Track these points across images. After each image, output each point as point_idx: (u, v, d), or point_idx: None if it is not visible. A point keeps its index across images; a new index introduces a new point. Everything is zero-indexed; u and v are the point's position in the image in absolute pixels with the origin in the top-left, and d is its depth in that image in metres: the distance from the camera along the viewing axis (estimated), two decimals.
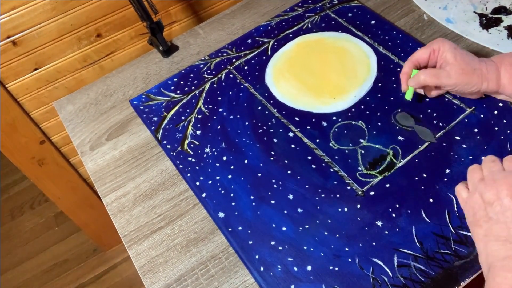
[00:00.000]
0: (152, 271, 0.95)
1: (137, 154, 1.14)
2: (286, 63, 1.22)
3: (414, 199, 0.93)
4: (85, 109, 1.27)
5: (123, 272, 2.23)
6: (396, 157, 1.00)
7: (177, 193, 1.05)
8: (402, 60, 1.16)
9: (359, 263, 0.87)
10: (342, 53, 1.21)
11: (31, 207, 2.54)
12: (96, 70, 1.57)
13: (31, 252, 2.37)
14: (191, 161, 1.07)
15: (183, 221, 1.01)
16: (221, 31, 1.38)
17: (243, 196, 1.00)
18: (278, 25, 1.32)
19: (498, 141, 0.99)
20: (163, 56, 1.35)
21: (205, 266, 0.94)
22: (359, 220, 0.92)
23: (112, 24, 1.48)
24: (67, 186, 1.80)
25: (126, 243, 1.00)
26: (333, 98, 1.12)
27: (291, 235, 0.92)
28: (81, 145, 1.19)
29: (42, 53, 1.43)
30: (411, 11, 1.30)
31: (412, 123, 1.04)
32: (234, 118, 1.14)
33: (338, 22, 1.29)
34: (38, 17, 1.34)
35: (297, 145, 1.06)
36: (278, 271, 0.88)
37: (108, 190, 1.09)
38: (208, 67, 1.26)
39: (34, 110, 1.54)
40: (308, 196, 0.97)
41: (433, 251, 0.86)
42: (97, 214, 1.97)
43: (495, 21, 1.21)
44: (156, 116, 1.18)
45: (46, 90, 1.52)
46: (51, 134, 1.64)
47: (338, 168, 1.00)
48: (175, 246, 0.97)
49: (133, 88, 1.29)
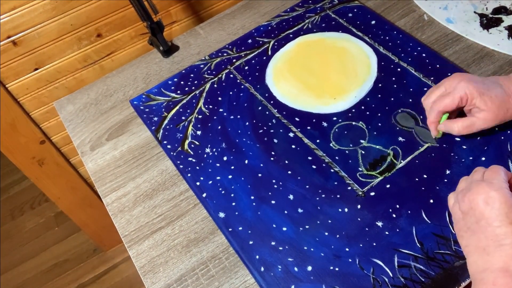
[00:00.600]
0: (153, 271, 0.95)
1: (137, 154, 1.14)
2: (286, 63, 1.23)
3: (414, 200, 0.94)
4: (85, 109, 1.27)
5: (123, 272, 2.23)
6: (397, 157, 1.00)
7: (177, 193, 1.06)
8: (402, 60, 1.16)
9: (360, 264, 0.87)
10: (342, 53, 1.22)
11: (31, 207, 2.54)
12: (96, 70, 1.57)
13: (31, 252, 2.37)
14: (191, 161, 1.08)
15: (183, 221, 1.01)
16: (221, 31, 1.39)
17: (244, 196, 1.00)
18: (279, 25, 1.32)
19: (498, 141, 0.99)
20: (163, 56, 1.35)
21: (205, 266, 0.94)
22: (360, 221, 0.93)
23: (113, 24, 1.49)
24: (67, 186, 1.80)
25: (126, 243, 1.00)
26: (333, 99, 1.12)
27: (291, 235, 0.93)
28: (82, 145, 1.19)
29: (42, 53, 1.43)
30: (411, 11, 1.30)
31: (413, 124, 1.04)
32: (235, 118, 1.14)
33: (339, 22, 1.29)
34: (38, 17, 1.35)
35: (297, 145, 1.06)
36: (278, 271, 0.88)
37: (109, 190, 1.09)
38: (209, 67, 1.26)
39: (34, 110, 1.54)
40: (308, 197, 0.97)
41: (434, 252, 0.86)
42: (97, 214, 1.97)
43: (496, 21, 1.21)
44: (157, 116, 1.18)
45: (46, 90, 1.52)
46: (51, 134, 1.64)
47: (338, 169, 1.00)
48: (175, 246, 0.98)
49: (133, 88, 1.29)
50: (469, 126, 0.94)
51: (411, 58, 1.16)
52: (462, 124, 0.95)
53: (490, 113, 0.91)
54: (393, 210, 0.93)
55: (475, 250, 0.75)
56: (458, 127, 0.95)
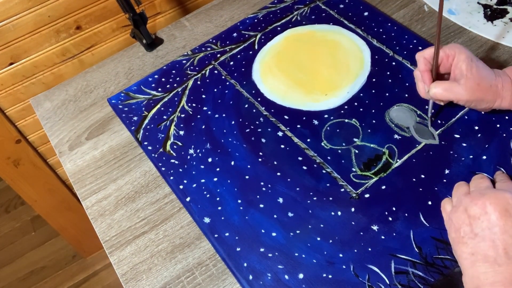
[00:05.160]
0: (135, 279, 0.94)
1: (119, 154, 1.14)
2: (274, 58, 1.22)
3: (411, 202, 0.93)
4: (64, 106, 1.26)
5: (104, 280, 2.23)
6: (392, 157, 1.00)
7: (161, 195, 1.05)
8: (397, 54, 1.16)
9: (354, 270, 0.87)
10: (333, 46, 1.21)
11: (6, 211, 2.53)
12: (75, 65, 1.56)
13: (6, 259, 2.37)
14: (174, 163, 1.07)
15: (168, 225, 1.00)
16: (209, 23, 1.38)
17: (230, 200, 0.99)
18: (265, 18, 1.32)
19: (500, 138, 0.99)
20: (146, 50, 1.34)
21: (191, 273, 0.93)
22: (354, 225, 0.92)
23: (93, 16, 1.48)
24: (44, 188, 1.79)
25: (107, 249, 1.00)
26: (324, 95, 1.12)
27: (281, 241, 0.92)
28: (59, 144, 1.19)
29: (18, 47, 1.42)
30: (410, 2, 1.30)
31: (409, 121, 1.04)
32: (220, 117, 1.13)
33: (329, 13, 1.28)
34: (14, 8, 1.33)
35: (286, 145, 1.05)
36: (268, 279, 0.88)
37: (88, 192, 1.09)
38: (191, 63, 1.25)
39: (9, 107, 1.53)
40: (299, 200, 0.97)
41: (433, 257, 0.86)
42: (77, 218, 1.97)
43: (500, 13, 1.21)
44: (136, 115, 1.17)
45: (22, 86, 1.51)
46: (28, 133, 1.63)
47: (330, 169, 1.00)
48: (159, 252, 0.97)
49: (114, 84, 1.28)
50: (447, 89, 0.96)
51: (407, 51, 1.16)
52: (441, 86, 0.96)
53: (471, 80, 0.93)
54: (389, 213, 0.93)
55: (483, 259, 0.73)
56: (436, 88, 0.97)
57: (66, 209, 1.92)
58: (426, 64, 0.99)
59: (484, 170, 0.95)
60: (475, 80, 0.93)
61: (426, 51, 0.98)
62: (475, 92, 0.94)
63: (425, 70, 0.99)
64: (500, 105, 0.96)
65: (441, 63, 0.98)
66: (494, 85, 0.94)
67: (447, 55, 0.96)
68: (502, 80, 0.95)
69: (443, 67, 0.99)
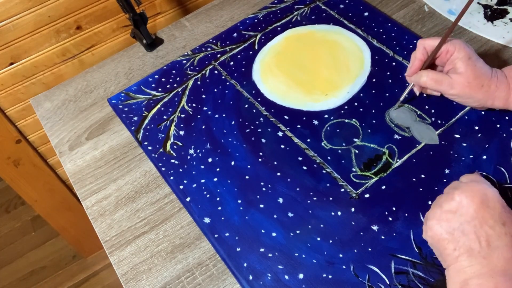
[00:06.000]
0: (135, 279, 0.95)
1: (119, 154, 1.14)
2: (274, 58, 1.22)
3: (412, 202, 0.93)
4: (64, 106, 1.26)
5: (104, 280, 2.23)
6: (392, 157, 1.00)
7: (161, 195, 1.05)
8: (397, 54, 1.16)
9: (354, 270, 0.87)
10: (333, 47, 1.21)
11: (6, 211, 2.53)
12: (75, 65, 1.56)
13: (6, 259, 2.37)
14: (174, 163, 1.07)
15: (168, 225, 1.00)
16: (209, 23, 1.38)
17: (230, 200, 0.99)
18: (266, 18, 1.32)
19: (500, 138, 0.99)
20: (146, 50, 1.34)
21: (191, 273, 0.93)
22: (354, 225, 0.92)
23: (93, 16, 1.47)
24: (44, 188, 1.79)
25: (107, 249, 1.00)
26: (324, 95, 1.12)
27: (281, 241, 0.92)
28: (60, 144, 1.19)
29: (18, 47, 1.42)
30: (411, 2, 1.30)
31: (409, 121, 1.04)
32: (220, 117, 1.13)
33: (329, 14, 1.29)
34: (14, 8, 1.33)
35: (287, 145, 1.05)
36: (268, 279, 0.88)
37: (88, 192, 1.09)
38: (192, 63, 1.25)
39: (9, 107, 1.53)
40: (299, 200, 0.97)
41: (433, 257, 0.86)
42: (77, 218, 1.97)
43: (501, 13, 1.21)
44: (136, 115, 1.17)
45: (23, 86, 1.51)
46: (28, 133, 1.63)
47: (330, 169, 1.00)
48: (159, 253, 0.97)
49: (114, 84, 1.28)
50: (437, 80, 0.98)
51: (407, 52, 1.16)
52: (432, 75, 0.98)
53: (463, 78, 0.95)
54: (389, 213, 0.93)
55: (467, 253, 0.74)
56: (426, 77, 0.99)
57: (66, 209, 1.92)
58: (423, 54, 1.01)
59: (484, 170, 0.95)
60: (467, 78, 0.95)
61: (428, 41, 1.00)
62: (464, 88, 0.95)
63: (419, 59, 1.01)
64: (493, 104, 0.97)
65: (439, 56, 1.00)
66: (487, 85, 0.95)
67: (447, 50, 0.97)
68: (497, 81, 0.95)
69: (440, 60, 1.01)
